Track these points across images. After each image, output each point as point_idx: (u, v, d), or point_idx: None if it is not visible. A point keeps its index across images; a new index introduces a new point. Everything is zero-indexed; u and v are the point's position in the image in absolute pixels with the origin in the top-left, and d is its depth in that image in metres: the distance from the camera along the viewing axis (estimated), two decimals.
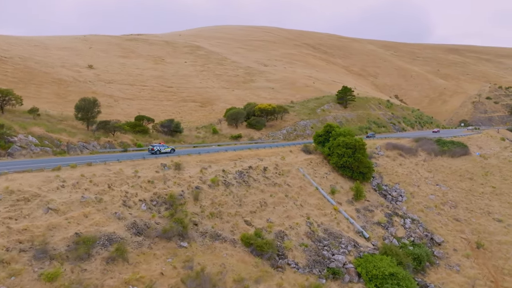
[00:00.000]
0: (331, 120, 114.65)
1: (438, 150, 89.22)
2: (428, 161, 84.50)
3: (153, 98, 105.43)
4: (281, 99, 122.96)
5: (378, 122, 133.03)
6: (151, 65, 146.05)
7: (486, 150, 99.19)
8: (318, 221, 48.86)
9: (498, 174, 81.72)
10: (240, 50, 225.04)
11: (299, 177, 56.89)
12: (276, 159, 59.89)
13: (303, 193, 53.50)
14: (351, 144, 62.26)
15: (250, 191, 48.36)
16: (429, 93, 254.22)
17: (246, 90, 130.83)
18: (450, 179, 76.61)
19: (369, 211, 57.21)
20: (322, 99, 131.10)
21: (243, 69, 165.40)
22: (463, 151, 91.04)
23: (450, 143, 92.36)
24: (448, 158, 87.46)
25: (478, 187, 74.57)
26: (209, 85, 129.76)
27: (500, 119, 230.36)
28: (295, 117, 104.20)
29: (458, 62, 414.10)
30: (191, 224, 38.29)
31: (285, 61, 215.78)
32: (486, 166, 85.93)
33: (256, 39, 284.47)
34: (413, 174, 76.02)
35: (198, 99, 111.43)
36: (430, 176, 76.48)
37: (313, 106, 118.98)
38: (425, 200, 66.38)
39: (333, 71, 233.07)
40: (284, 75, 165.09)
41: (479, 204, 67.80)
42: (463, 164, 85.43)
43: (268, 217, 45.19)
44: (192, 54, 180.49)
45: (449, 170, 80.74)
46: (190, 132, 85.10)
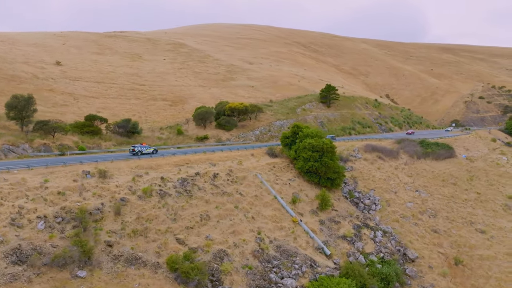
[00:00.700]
0: (311, 120, 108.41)
1: (421, 152, 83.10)
2: (410, 164, 78.29)
3: (120, 97, 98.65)
4: (260, 98, 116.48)
5: (363, 122, 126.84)
6: (126, 62, 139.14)
7: (473, 152, 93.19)
8: (271, 237, 42.36)
9: (484, 179, 75.67)
10: (226, 48, 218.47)
11: (256, 184, 50.36)
12: (232, 163, 53.32)
13: (257, 203, 46.97)
14: (318, 147, 55.81)
15: (191, 202, 41.78)
16: (421, 93, 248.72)
17: (224, 88, 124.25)
18: (431, 184, 70.41)
19: (335, 222, 50.79)
20: (304, 98, 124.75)
21: (225, 67, 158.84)
22: (448, 154, 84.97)
23: (434, 144, 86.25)
24: (432, 161, 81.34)
25: (462, 193, 68.41)
26: (185, 83, 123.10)
27: (492, 119, 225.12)
28: (271, 117, 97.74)
29: (452, 62, 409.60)
30: (102, 245, 31.70)
31: (272, 59, 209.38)
32: (472, 169, 79.87)
33: (245, 37, 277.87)
34: (392, 179, 69.75)
35: (169, 98, 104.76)
36: (410, 181, 70.25)
37: (293, 106, 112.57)
38: (401, 209, 60.08)
39: (322, 69, 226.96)
40: (268, 73, 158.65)
41: (461, 212, 61.60)
42: (447, 167, 79.32)
43: (208, 234, 38.63)
44: (174, 52, 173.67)
45: (431, 174, 74.55)
46: (153, 133, 78.44)
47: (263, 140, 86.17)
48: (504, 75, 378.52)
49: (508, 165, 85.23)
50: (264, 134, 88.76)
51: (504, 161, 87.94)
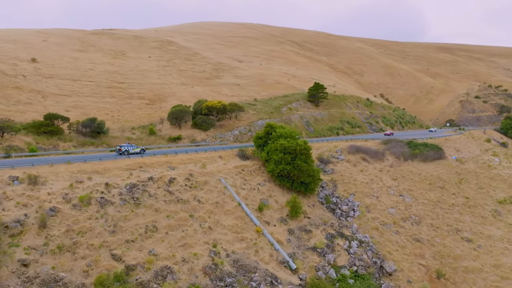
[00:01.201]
0: (296, 120, 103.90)
1: (408, 153, 78.62)
2: (396, 166, 73.79)
3: (95, 95, 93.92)
4: (244, 97, 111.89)
5: (352, 122, 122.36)
6: (109, 59, 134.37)
7: (464, 153, 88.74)
8: (228, 250, 37.77)
9: (474, 182, 71.19)
10: (216, 46, 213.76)
11: (219, 190, 45.74)
12: (194, 167, 48.72)
13: (218, 211, 42.37)
14: (290, 148, 51.23)
15: (137, 211, 37.14)
16: (416, 92, 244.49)
17: (207, 86, 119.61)
18: (417, 188, 65.92)
19: (306, 231, 46.22)
20: (291, 96, 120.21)
21: (212, 65, 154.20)
22: (437, 155, 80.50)
23: (422, 145, 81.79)
24: (419, 163, 76.85)
25: (449, 197, 63.90)
26: (167, 81, 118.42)
27: (488, 118, 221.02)
28: (253, 116, 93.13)
29: (449, 61, 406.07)
30: (15, 265, 27.07)
31: (263, 58, 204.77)
32: (461, 172, 75.40)
33: (238, 35, 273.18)
34: (375, 183, 65.24)
35: (148, 96, 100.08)
36: (394, 185, 65.74)
37: (278, 104, 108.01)
38: (382, 215, 55.56)
39: (315, 68, 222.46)
40: (256, 72, 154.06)
41: (447, 219, 57.10)
42: (435, 169, 74.83)
43: (152, 248, 34.00)
44: (160, 49, 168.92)
45: (418, 177, 70.05)
46: (123, 133, 73.79)
47: (242, 141, 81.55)
48: (501, 75, 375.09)
49: (500, 167, 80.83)
50: (244, 135, 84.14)
51: (496, 162, 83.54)
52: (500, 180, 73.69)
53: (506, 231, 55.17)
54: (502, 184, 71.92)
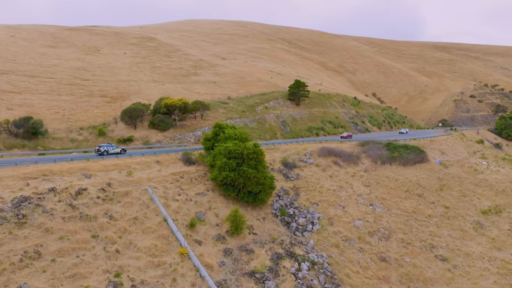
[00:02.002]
0: (272, 120, 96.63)
1: (386, 156, 71.40)
2: (371, 171, 66.53)
3: (51, 92, 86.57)
4: (217, 95, 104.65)
5: (335, 122, 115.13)
6: (79, 55, 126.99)
7: (450, 155, 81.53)
8: (137, 279, 30.43)
9: (456, 188, 63.91)
10: (202, 43, 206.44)
11: (142, 202, 38.41)
12: (117, 174, 41.38)
13: (134, 230, 35.06)
14: (236, 152, 43.95)
15: (18, 232, 29.82)
16: (409, 91, 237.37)
17: (180, 84, 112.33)
18: (392, 196, 58.64)
19: (248, 251, 38.89)
20: (269, 94, 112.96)
21: (192, 62, 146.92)
22: (419, 158, 73.32)
23: (402, 147, 74.52)
24: (398, 167, 69.66)
25: (427, 207, 56.63)
26: (137, 78, 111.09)
27: (483, 118, 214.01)
28: (222, 116, 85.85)
29: (445, 60, 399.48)
30: None
31: (250, 55, 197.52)
32: (444, 177, 68.17)
33: (227, 33, 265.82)
34: (344, 190, 57.96)
35: (111, 94, 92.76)
36: (366, 192, 58.44)
37: (253, 103, 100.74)
38: (347, 229, 48.28)
39: (304, 66, 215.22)
40: (238, 69, 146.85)
41: (422, 233, 49.83)
42: (415, 174, 67.61)
43: (24, 282, 26.64)
44: (139, 46, 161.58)
45: (394, 183, 62.81)
46: (68, 134, 66.45)
47: None
48: (498, 74, 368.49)
49: (488, 171, 73.62)
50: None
51: (484, 166, 76.34)
52: (486, 187, 66.47)
53: (488, 247, 47.93)
54: (488, 191, 64.70)
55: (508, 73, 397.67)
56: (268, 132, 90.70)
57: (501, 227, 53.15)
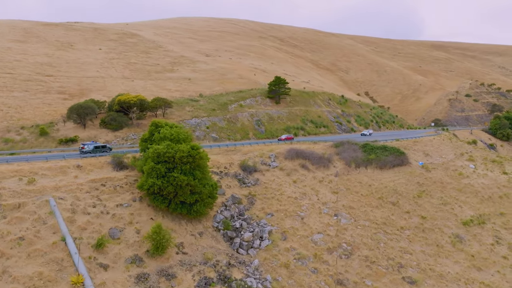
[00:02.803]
0: (245, 118, 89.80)
1: (362, 159, 64.60)
2: (343, 175, 59.68)
3: (2, 89, 79.68)
4: (190, 92, 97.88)
5: (317, 121, 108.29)
6: (49, 51, 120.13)
7: (434, 158, 74.68)
8: None
9: (437, 195, 57.04)
10: (188, 40, 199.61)
11: (37, 217, 31.54)
12: (15, 183, 34.52)
13: (17, 253, 28.17)
14: (166, 156, 37.08)
15: None
16: (403, 90, 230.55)
17: (152, 80, 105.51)
18: (362, 204, 51.79)
19: (169, 277, 32.03)
20: (247, 92, 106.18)
21: (171, 58, 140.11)
22: (398, 161, 66.50)
23: (380, 149, 67.67)
24: (375, 171, 62.86)
25: (400, 217, 49.79)
26: (105, 75, 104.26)
27: (478, 118, 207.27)
28: (187, 114, 79.08)
29: (442, 59, 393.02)
30: None
31: (237, 52, 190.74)
32: (425, 182, 61.31)
33: (216, 30, 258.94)
34: (307, 197, 51.11)
35: (71, 90, 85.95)
36: (332, 200, 51.59)
37: (227, 101, 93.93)
38: (302, 244, 41.43)
39: (294, 64, 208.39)
40: (220, 66, 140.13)
41: (391, 249, 42.97)
42: (393, 179, 60.77)
43: None
44: (117, 42, 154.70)
45: (367, 189, 55.95)
46: (4, 134, 59.68)
47: None
48: (496, 73, 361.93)
49: (474, 175, 66.77)
50: None
51: (470, 170, 69.49)
52: (471, 193, 59.61)
53: (466, 266, 41.09)
54: (472, 198, 57.84)
55: (506, 72, 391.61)
56: (240, 132, 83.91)
57: (484, 241, 46.31)
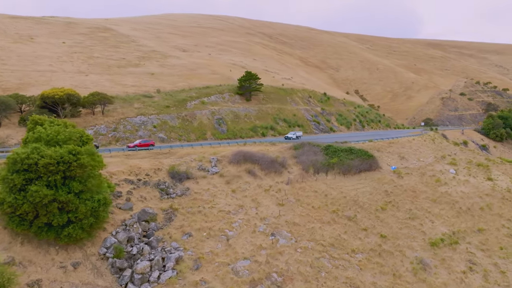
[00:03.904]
0: (204, 116, 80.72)
1: (322, 163, 55.56)
2: (296, 182, 50.65)
3: None
4: (148, 87, 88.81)
5: (291, 120, 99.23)
6: (4, 43, 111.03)
7: (411, 161, 65.65)
8: None
9: (406, 207, 47.96)
10: (167, 35, 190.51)
11: None
12: None
13: None
14: (25, 163, 27.96)
15: None
16: (394, 88, 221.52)
17: (109, 75, 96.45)
18: (311, 219, 42.71)
19: None
20: (213, 88, 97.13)
21: (141, 53, 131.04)
22: (366, 165, 57.52)
23: (345, 152, 58.56)
24: (336, 177, 53.85)
25: (354, 236, 40.70)
26: (58, 69, 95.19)
27: (472, 117, 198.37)
28: (133, 111, 70.08)
29: (438, 57, 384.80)
30: None
31: (219, 48, 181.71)
32: (394, 190, 52.25)
33: (202, 26, 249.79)
34: (244, 211, 42.04)
35: (7, 85, 76.88)
36: (275, 215, 42.52)
37: (186, 97, 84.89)
38: (219, 276, 32.32)
39: (279, 61, 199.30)
40: (194, 61, 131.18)
41: (334, 280, 33.88)
42: (356, 187, 51.71)
43: None
44: (87, 36, 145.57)
45: (321, 200, 46.87)
46: None
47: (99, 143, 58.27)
48: (493, 72, 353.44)
49: (454, 182, 57.73)
50: (102, 136, 60.85)
51: (450, 175, 60.44)
52: (447, 204, 50.56)
53: None
54: (448, 211, 48.78)
55: (503, 71, 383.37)
56: (196, 131, 74.85)
57: (454, 267, 37.24)
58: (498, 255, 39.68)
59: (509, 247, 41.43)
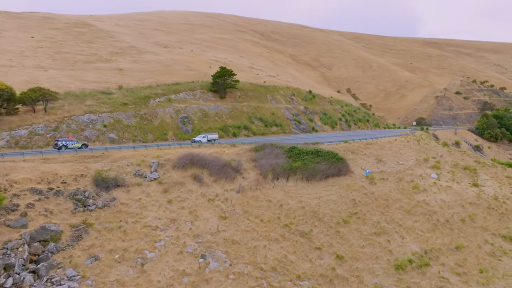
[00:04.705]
0: (168, 115, 73.94)
1: (284, 167, 48.83)
2: (250, 190, 43.93)
3: None
4: (110, 83, 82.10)
5: (268, 119, 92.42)
6: None
7: (389, 164, 58.92)
8: None
9: (374, 219, 41.25)
10: (151, 31, 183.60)
11: None
12: None
13: None
14: None
15: None
16: (388, 86, 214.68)
17: (71, 70, 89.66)
18: (256, 236, 35.97)
19: None
20: (184, 85, 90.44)
21: (116, 48, 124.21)
22: (334, 169, 50.84)
23: (311, 154, 51.79)
24: (299, 184, 47.23)
25: (304, 258, 33.92)
26: (17, 63, 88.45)
27: (467, 117, 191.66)
28: (82, 108, 63.17)
29: (435, 56, 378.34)
30: None
31: (204, 45, 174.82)
32: (364, 199, 45.52)
33: (191, 23, 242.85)
34: (174, 227, 35.43)
35: None
36: (213, 231, 35.80)
37: (150, 94, 78.11)
38: None
39: (268, 58, 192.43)
40: (170, 57, 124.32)
41: None
42: (320, 195, 45.02)
43: None
44: (61, 31, 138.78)
45: (274, 212, 40.15)
46: None
47: (28, 146, 51.53)
48: (491, 71, 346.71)
49: (434, 188, 50.95)
50: (38, 136, 53.99)
51: (431, 181, 53.66)
52: (423, 214, 43.76)
53: None
54: (423, 223, 42.01)
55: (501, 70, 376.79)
56: (155, 131, 68.02)
57: None
58: (476, 280, 32.90)
59: (490, 269, 34.66)
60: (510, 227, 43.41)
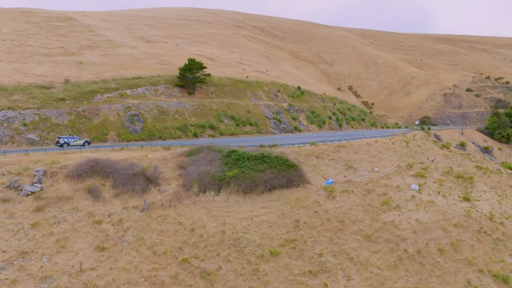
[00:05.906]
0: (113, 112, 64.38)
1: (215, 176, 38.48)
2: (160, 208, 34.25)
3: None
4: (60, 77, 73.43)
5: (242, 118, 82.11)
6: None
7: (361, 171, 47.99)
8: None
9: (316, 249, 31.29)
10: (140, 27, 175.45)
11: None
12: None
13: None
14: None
15: None
16: (392, 83, 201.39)
17: (21, 63, 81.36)
18: (134, 278, 25.89)
19: None
20: (145, 79, 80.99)
21: (90, 42, 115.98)
22: (283, 179, 40.46)
23: (253, 160, 41.27)
24: (232, 198, 37.21)
25: None
26: None
27: (478, 115, 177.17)
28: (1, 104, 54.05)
29: (447, 52, 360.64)
30: None
31: (193, 40, 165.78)
32: (311, 219, 34.90)
33: (186, 19, 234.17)
34: (16, 266, 25.72)
35: None
36: (74, 270, 25.86)
37: (98, 89, 68.86)
38: None
39: (264, 54, 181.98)
40: (147, 51, 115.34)
41: None
42: (256, 214, 34.81)
43: None
44: (35, 24, 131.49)
45: (179, 239, 30.17)
46: None
47: None
48: (507, 67, 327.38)
49: (411, 204, 39.76)
50: None
51: (409, 194, 42.42)
52: (387, 242, 32.79)
53: None
54: (383, 255, 31.04)
55: None
56: (93, 130, 58.50)
57: None
58: None
59: None
60: (506, 261, 32.09)
